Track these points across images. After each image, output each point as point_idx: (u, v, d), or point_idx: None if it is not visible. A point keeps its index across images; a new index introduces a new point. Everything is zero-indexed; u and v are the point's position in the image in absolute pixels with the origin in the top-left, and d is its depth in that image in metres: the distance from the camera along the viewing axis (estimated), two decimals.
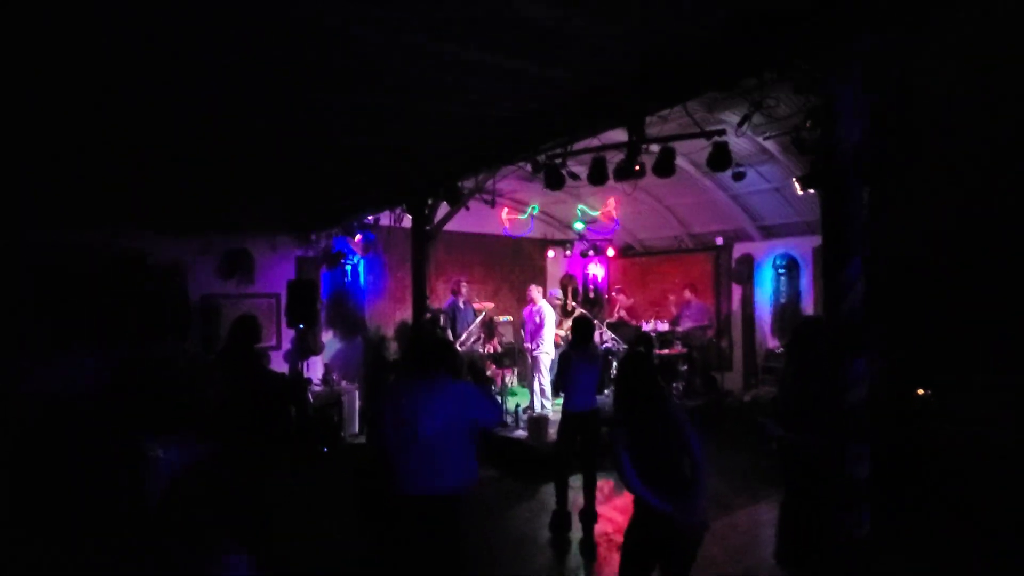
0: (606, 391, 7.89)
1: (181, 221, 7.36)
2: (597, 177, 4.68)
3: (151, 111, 3.72)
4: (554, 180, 4.84)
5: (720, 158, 4.38)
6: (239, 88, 3.37)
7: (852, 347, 2.41)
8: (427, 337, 2.97)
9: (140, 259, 7.43)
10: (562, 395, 5.07)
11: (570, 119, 3.82)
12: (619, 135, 4.45)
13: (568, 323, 8.67)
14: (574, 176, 4.78)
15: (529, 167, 4.97)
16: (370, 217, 8.51)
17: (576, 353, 5.01)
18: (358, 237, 8.60)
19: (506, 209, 10.55)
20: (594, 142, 4.64)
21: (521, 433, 7.34)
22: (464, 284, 8.74)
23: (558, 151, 4.45)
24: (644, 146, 4.52)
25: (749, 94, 3.11)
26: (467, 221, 10.32)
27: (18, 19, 2.53)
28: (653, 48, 2.95)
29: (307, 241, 8.87)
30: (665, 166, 4.46)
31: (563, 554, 4.68)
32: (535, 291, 8.10)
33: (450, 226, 9.87)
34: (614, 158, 4.77)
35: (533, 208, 10.93)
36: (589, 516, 4.95)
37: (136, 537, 1.70)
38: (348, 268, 9.24)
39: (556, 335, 8.32)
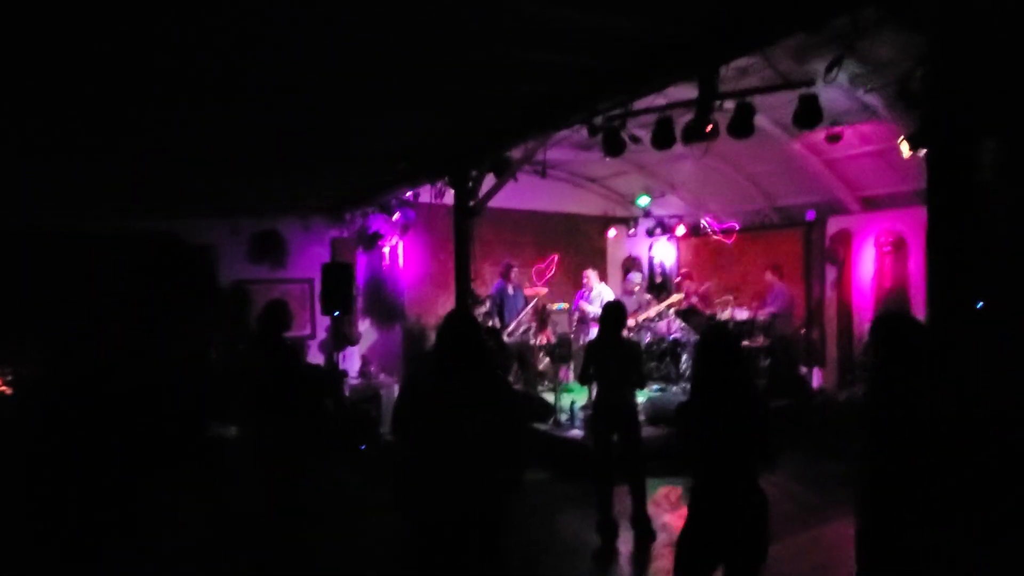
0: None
1: (209, 202, 7.72)
2: (662, 139, 4.59)
3: (173, 91, 3.91)
4: (613, 145, 4.78)
5: (808, 114, 4.20)
6: (269, 58, 3.49)
7: (962, 342, 2.28)
8: (462, 326, 3.01)
9: (174, 242, 7.86)
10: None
11: (633, 72, 3.76)
12: (687, 92, 4.34)
13: (650, 311, 8.61)
14: (635, 139, 4.71)
15: (585, 132, 4.92)
16: (409, 193, 8.65)
17: (603, 343, 5.08)
18: (396, 215, 8.78)
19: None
20: (659, 100, 4.54)
21: (576, 432, 7.36)
22: (514, 267, 8.79)
23: (617, 112, 4.39)
24: (717, 103, 4.39)
25: (844, 40, 2.96)
26: (517, 196, 10.30)
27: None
28: None
29: (341, 220, 9.13)
30: (742, 125, 4.33)
31: (611, 565, 4.70)
32: (592, 275, 8.06)
33: (498, 202, 9.84)
34: (682, 118, 4.66)
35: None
36: (643, 529, 5.00)
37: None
38: (386, 250, 9.47)
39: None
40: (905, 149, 5.92)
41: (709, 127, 4.47)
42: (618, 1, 2.98)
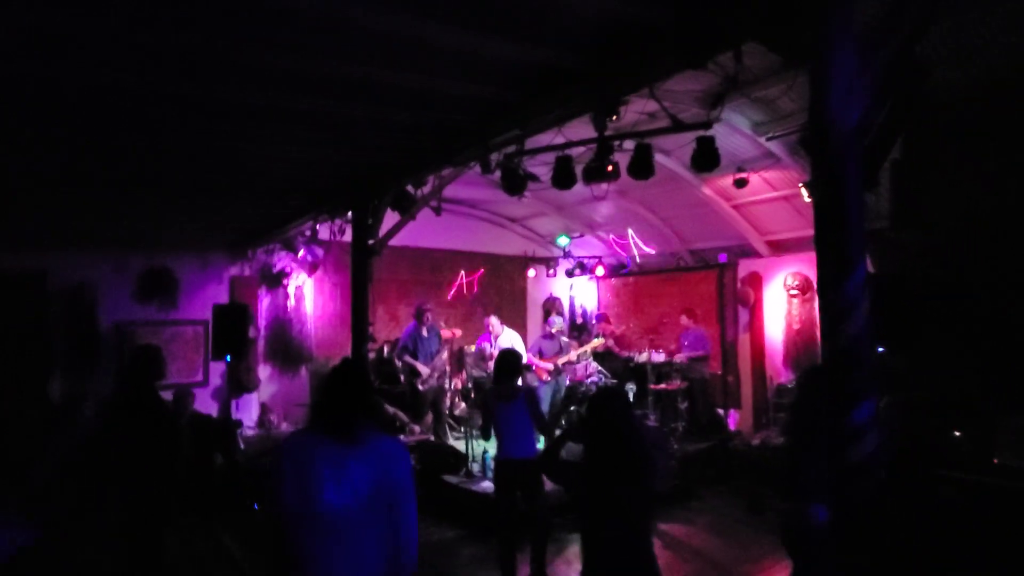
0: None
1: (90, 235, 6.99)
2: (562, 179, 4.39)
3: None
4: (513, 183, 4.55)
5: (705, 156, 4.10)
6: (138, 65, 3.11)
7: (855, 385, 2.07)
8: (350, 378, 2.59)
9: (40, 280, 7.06)
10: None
11: (522, 103, 3.54)
12: (587, 131, 4.17)
13: (582, 350, 8.37)
14: (532, 177, 4.50)
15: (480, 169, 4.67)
16: (317, 229, 8.16)
17: (495, 392, 4.80)
18: (302, 253, 8.24)
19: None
20: (558, 139, 4.36)
21: (488, 485, 6.92)
22: (428, 309, 8.37)
23: (513, 148, 4.17)
24: (618, 143, 4.23)
25: (730, 77, 2.83)
26: (436, 235, 10.05)
27: None
28: (615, 15, 2.69)
29: (243, 257, 8.51)
30: (642, 165, 4.17)
31: None
32: (495, 321, 7.86)
33: (416, 241, 9.56)
34: (585, 158, 4.48)
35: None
36: None
37: None
38: (292, 290, 8.88)
39: (542, 368, 8.03)
40: (806, 194, 6.00)
41: (609, 167, 4.31)
42: (500, 25, 2.75)
